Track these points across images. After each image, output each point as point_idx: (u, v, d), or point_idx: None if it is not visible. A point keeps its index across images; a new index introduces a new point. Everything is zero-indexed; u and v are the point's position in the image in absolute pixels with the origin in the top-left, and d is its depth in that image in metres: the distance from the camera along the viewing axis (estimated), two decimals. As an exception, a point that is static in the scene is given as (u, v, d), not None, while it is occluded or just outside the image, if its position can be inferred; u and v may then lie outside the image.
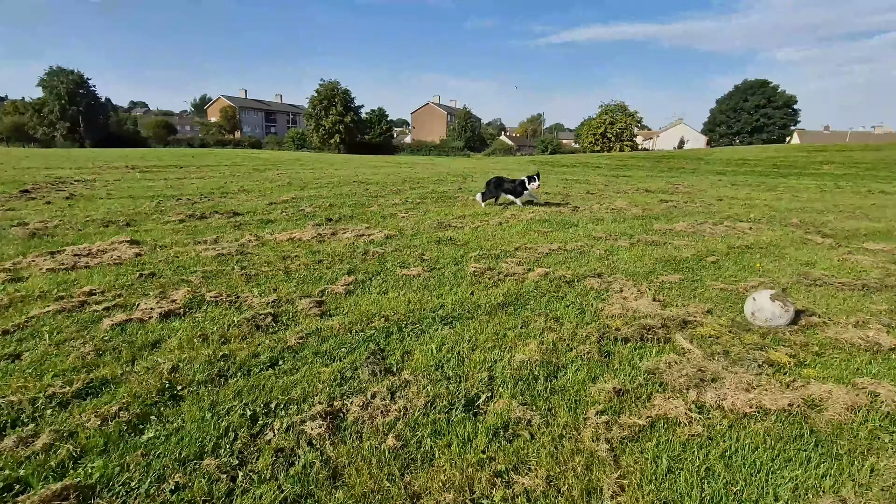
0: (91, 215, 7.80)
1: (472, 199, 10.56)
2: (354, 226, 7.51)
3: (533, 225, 7.78)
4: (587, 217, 8.60)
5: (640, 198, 11.78)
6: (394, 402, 2.50)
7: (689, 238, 6.91)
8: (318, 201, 10.28)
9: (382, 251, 5.87)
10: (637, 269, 5.18)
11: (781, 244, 6.54)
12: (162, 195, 10.69)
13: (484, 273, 4.96)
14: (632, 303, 4.02)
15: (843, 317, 3.85)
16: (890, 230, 7.72)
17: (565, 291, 4.40)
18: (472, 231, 7.26)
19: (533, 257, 5.67)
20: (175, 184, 13.51)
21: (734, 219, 8.57)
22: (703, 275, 5.05)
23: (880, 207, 10.50)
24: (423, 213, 8.96)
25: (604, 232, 7.20)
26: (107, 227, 6.92)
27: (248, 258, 5.49)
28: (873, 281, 4.83)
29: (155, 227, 7.18)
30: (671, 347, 3.19)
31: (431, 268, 5.16)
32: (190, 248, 5.90)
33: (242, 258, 5.49)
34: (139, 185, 12.68)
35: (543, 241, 6.63)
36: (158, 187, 12.40)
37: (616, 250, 6.09)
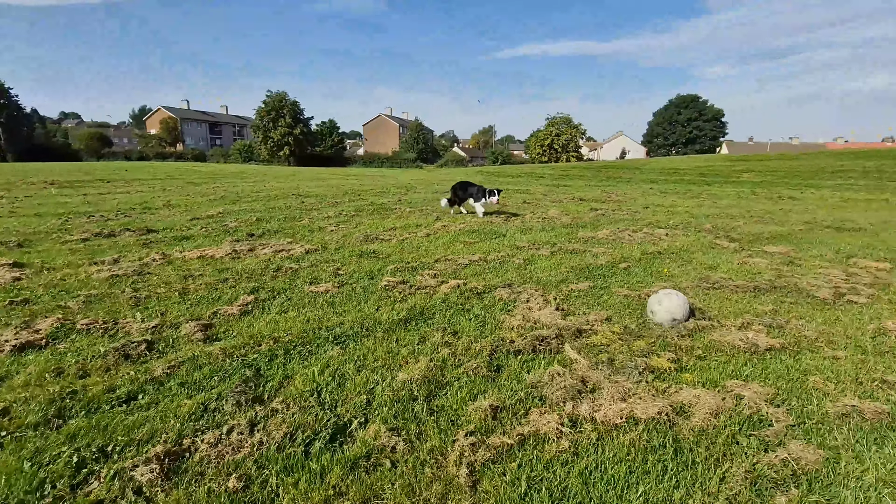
0: (-26, 236, 7.06)
1: (439, 205, 10.65)
2: (277, 241, 7.20)
3: (461, 236, 7.76)
4: (517, 227, 8.69)
5: (572, 206, 12.09)
6: (251, 436, 2.30)
7: (608, 245, 7.10)
8: (246, 216, 9.84)
9: (297, 267, 5.63)
10: (550, 279, 5.21)
11: (691, 249, 6.83)
12: (74, 212, 9.87)
13: (396, 287, 4.83)
14: (535, 313, 4.01)
15: (731, 319, 4.00)
16: (791, 233, 8.27)
17: (472, 304, 4.33)
18: (399, 244, 7.13)
19: (451, 269, 5.60)
20: (95, 199, 12.58)
21: (654, 225, 8.93)
22: (611, 282, 5.16)
23: (787, 212, 11.30)
24: (353, 226, 8.75)
25: (528, 241, 7.27)
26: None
27: (146, 279, 5.09)
28: (765, 282, 5.09)
29: (51, 248, 6.57)
30: (560, 359, 3.17)
31: (343, 283, 4.97)
32: (82, 269, 5.42)
33: (139, 279, 5.09)
34: (52, 202, 11.70)
35: (467, 251, 6.60)
36: (73, 203, 11.49)
37: (535, 259, 6.14)
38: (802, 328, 3.80)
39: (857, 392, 2.81)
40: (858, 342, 3.56)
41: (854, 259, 6.23)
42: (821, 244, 7.27)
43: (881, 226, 9.24)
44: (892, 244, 7.44)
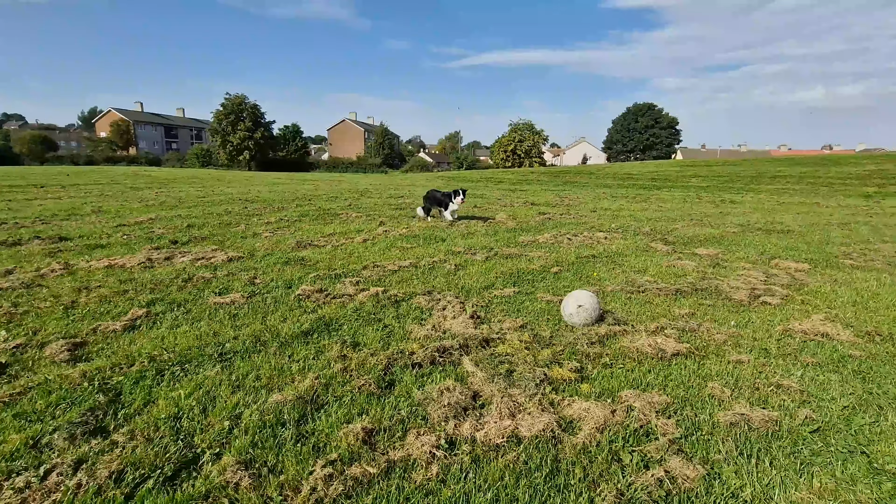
0: None
1: (414, 216, 10.40)
2: (201, 249, 6.77)
3: (399, 241, 7.53)
4: (459, 232, 8.53)
5: (522, 211, 12.08)
6: (71, 478, 1.98)
7: (545, 249, 7.03)
8: (178, 222, 9.29)
9: (211, 276, 5.25)
10: (476, 285, 5.05)
11: (626, 252, 6.84)
12: (-21, 220, 9.07)
13: (311, 296, 4.55)
14: (448, 322, 3.82)
15: (647, 323, 3.93)
16: (723, 235, 8.47)
17: (386, 313, 4.11)
18: (332, 250, 6.83)
19: (377, 276, 5.36)
20: (17, 206, 11.66)
21: (596, 229, 8.97)
22: (539, 286, 5.04)
23: (724, 215, 11.65)
24: (291, 232, 8.38)
25: (467, 246, 7.12)
26: None
27: (34, 292, 4.61)
28: (687, 285, 5.10)
29: (-63, 259, 5.93)
30: (458, 372, 2.98)
31: (255, 293, 4.65)
32: (-38, 283, 4.87)
33: (26, 292, 4.61)
34: (-42, 209, 10.76)
35: (401, 257, 6.38)
36: (-16, 210, 10.59)
37: (467, 265, 5.98)
38: (713, 332, 3.76)
39: (752, 399, 2.74)
40: (764, 345, 3.54)
41: (776, 260, 6.38)
42: (749, 246, 7.45)
43: (808, 228, 9.61)
44: (815, 245, 7.71)
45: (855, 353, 3.41)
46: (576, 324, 3.81)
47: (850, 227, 9.86)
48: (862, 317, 4.22)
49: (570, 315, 3.85)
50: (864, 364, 3.26)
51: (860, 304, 4.59)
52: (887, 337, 3.73)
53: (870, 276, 5.72)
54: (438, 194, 9.78)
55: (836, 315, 4.22)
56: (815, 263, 6.33)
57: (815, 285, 5.24)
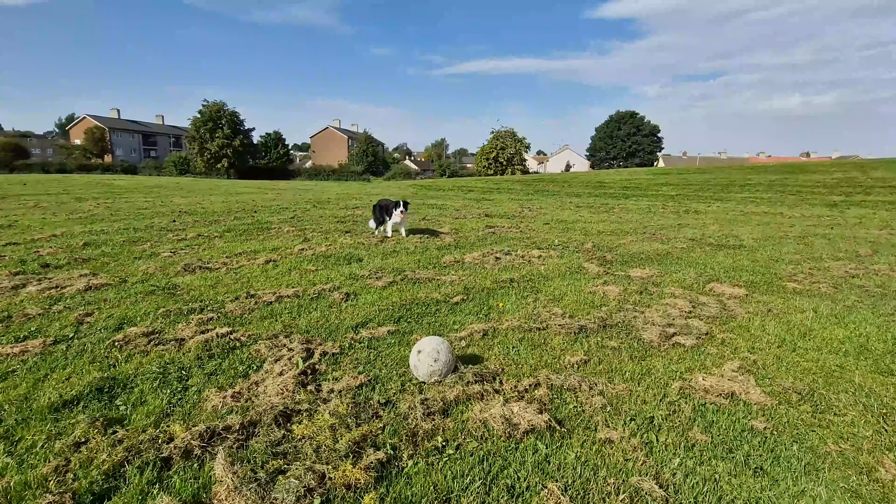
0: None
1: (369, 229, 9.59)
2: (68, 275, 5.91)
3: (306, 262, 6.74)
4: (381, 250, 7.77)
5: (471, 223, 11.36)
6: None
7: (465, 271, 6.29)
8: (78, 240, 8.39)
9: (41, 312, 4.41)
10: (349, 321, 4.28)
11: (551, 274, 6.13)
12: None
13: (132, 342, 3.74)
14: (268, 381, 3.04)
15: (518, 379, 3.19)
16: (670, 252, 7.81)
17: (203, 368, 3.31)
18: (221, 275, 6.02)
19: (241, 310, 4.55)
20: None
21: (536, 245, 8.27)
22: (422, 323, 4.29)
23: (681, 227, 11.04)
24: (196, 251, 7.56)
25: (375, 269, 6.35)
26: None
27: None
28: (597, 319, 4.36)
29: None
30: (201, 476, 2.19)
31: (67, 338, 3.82)
32: None
33: None
34: None
35: (293, 283, 5.59)
36: None
37: (361, 293, 5.21)
38: (595, 391, 3.02)
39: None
40: (649, 412, 2.81)
41: (712, 284, 5.69)
42: (690, 266, 6.78)
43: (762, 242, 9.00)
44: (761, 264, 7.07)
45: (760, 424, 2.69)
46: (422, 377, 3.06)
47: (806, 241, 9.28)
48: (784, 364, 3.52)
49: (414, 367, 3.10)
50: (768, 442, 2.54)
51: (787, 344, 3.90)
52: (805, 396, 3.02)
53: (809, 303, 5.06)
54: (391, 203, 8.87)
55: (753, 362, 3.52)
56: (754, 287, 5.66)
57: (743, 318, 4.55)
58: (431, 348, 3.05)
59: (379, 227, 9.24)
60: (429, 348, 3.05)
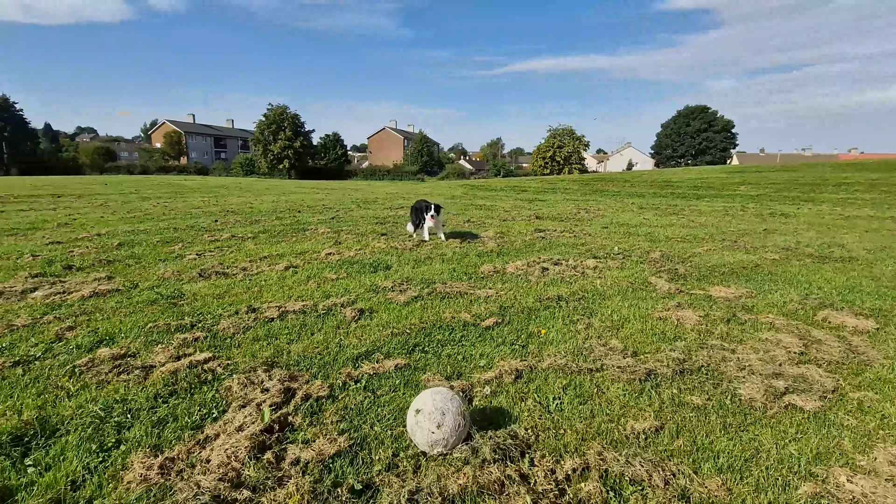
0: None
1: (407, 232, 8.98)
2: (84, 278, 5.63)
3: (327, 270, 6.09)
4: (418, 256, 6.99)
5: (519, 227, 10.35)
6: None
7: (505, 284, 5.36)
8: (115, 239, 8.31)
9: (27, 323, 4.02)
10: (352, 350, 3.51)
11: (610, 291, 5.05)
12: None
13: (98, 366, 3.18)
14: (220, 440, 2.31)
15: (558, 456, 2.24)
16: (758, 265, 6.40)
17: (155, 412, 2.65)
18: (237, 281, 5.51)
19: (235, 328, 3.92)
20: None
21: (591, 253, 7.15)
22: (440, 355, 3.43)
23: (769, 234, 9.37)
24: (221, 254, 7.17)
25: (403, 278, 5.58)
26: None
27: None
28: (672, 361, 3.29)
29: None
30: None
31: (29, 360, 3.33)
32: None
33: None
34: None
35: (307, 294, 4.94)
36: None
37: (378, 309, 4.44)
38: (672, 494, 2.03)
39: None
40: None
41: (826, 312, 4.36)
42: (789, 284, 5.41)
43: (878, 254, 7.28)
44: (886, 283, 5.55)
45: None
46: (420, 446, 2.21)
47: (941, 253, 7.44)
48: (975, 451, 2.32)
49: (411, 431, 2.26)
50: None
51: (969, 416, 2.65)
52: None
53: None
54: (428, 205, 8.09)
55: (922, 447, 2.35)
56: (887, 318, 4.28)
57: (882, 367, 3.29)
58: (434, 408, 2.19)
59: (416, 229, 8.55)
60: (430, 408, 2.20)
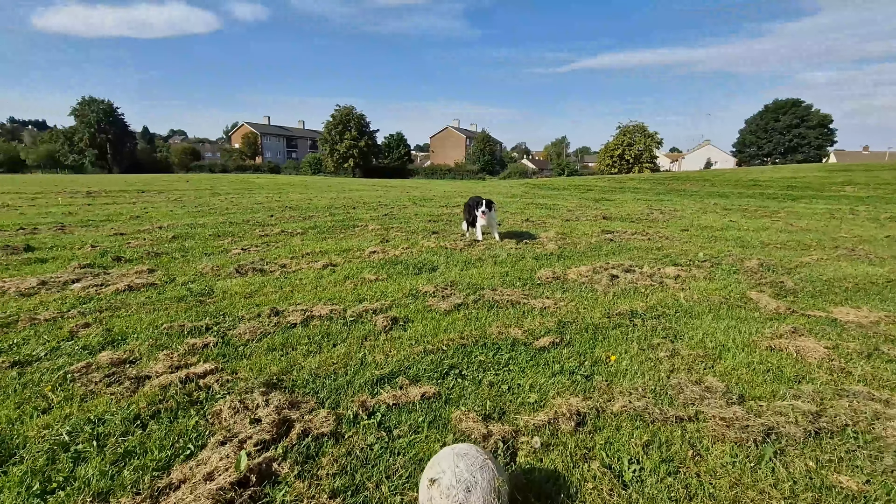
0: None
1: (460, 231, 8.49)
2: (127, 270, 5.54)
3: (371, 269, 5.59)
4: (468, 257, 6.34)
5: (584, 227, 9.37)
6: None
7: (566, 293, 4.56)
8: (171, 232, 8.41)
9: (53, 316, 3.84)
10: (374, 370, 2.91)
11: (698, 308, 4.09)
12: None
13: (92, 373, 2.83)
14: (177, 495, 1.78)
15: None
16: (892, 279, 5.07)
17: (119, 441, 2.19)
18: (272, 279, 5.15)
19: (254, 333, 3.48)
20: (76, 210, 11.96)
21: (671, 259, 6.11)
22: (480, 384, 2.74)
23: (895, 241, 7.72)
24: (266, 249, 6.96)
25: (448, 282, 4.94)
26: None
27: None
28: (798, 414, 2.36)
29: None
30: None
31: (28, 360, 3.06)
32: None
33: None
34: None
35: (344, 296, 4.46)
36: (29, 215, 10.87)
37: (416, 318, 3.83)
38: None
39: None
40: None
41: None
42: (949, 309, 4.14)
43: None
44: None
45: None
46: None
47: None
48: None
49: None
50: None
51: None
52: None
53: None
54: (480, 201, 7.52)
55: None
56: None
57: None
58: (455, 480, 1.52)
59: (469, 228, 7.92)
60: (450, 479, 1.53)
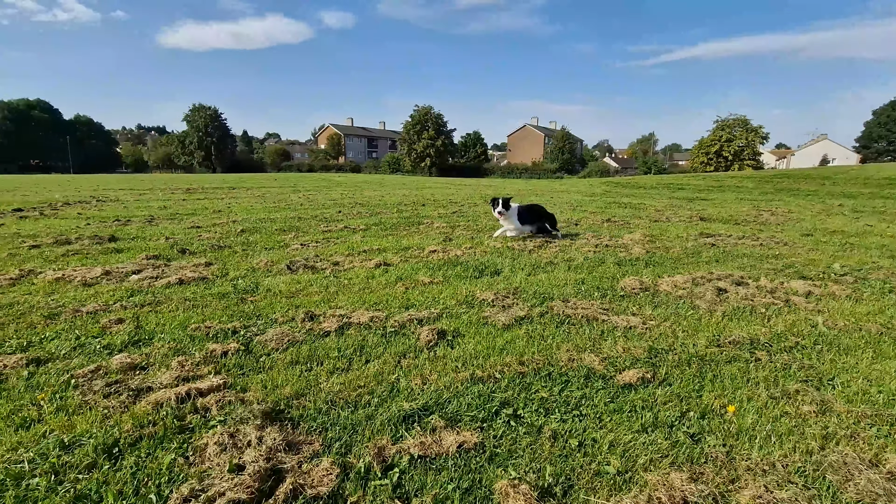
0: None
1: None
2: (187, 263, 5.50)
3: (427, 270, 5.04)
4: (537, 260, 5.57)
5: (676, 229, 8.12)
6: None
7: (653, 311, 3.66)
8: (240, 226, 8.52)
9: (96, 309, 3.72)
10: (404, 403, 2.30)
11: (849, 341, 3.00)
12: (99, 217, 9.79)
13: (93, 382, 2.53)
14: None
15: None
16: None
17: (83, 477, 1.78)
18: (320, 277, 4.80)
19: (280, 342, 3.04)
20: (170, 204, 12.84)
21: (796, 272, 4.87)
22: (545, 433, 2.02)
23: None
24: (328, 244, 6.70)
25: (513, 289, 4.23)
26: None
27: None
28: None
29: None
30: None
31: (46, 359, 2.85)
32: None
33: None
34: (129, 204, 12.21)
35: (390, 301, 3.95)
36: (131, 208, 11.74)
37: (465, 334, 3.18)
38: None
39: None
40: None
41: None
42: None
43: None
44: None
45: None
46: None
47: None
48: None
49: None
50: None
51: None
52: None
53: None
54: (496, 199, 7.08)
55: None
56: None
57: None
58: None
59: (520, 232, 7.19)
60: None
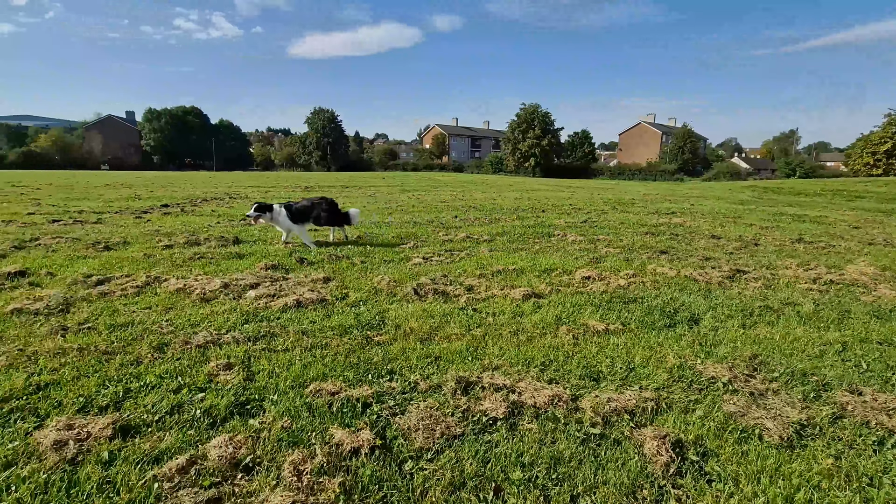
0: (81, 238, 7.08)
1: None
2: (308, 276, 4.89)
3: (595, 309, 3.79)
4: (744, 301, 4.03)
5: None
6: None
7: None
8: (360, 231, 7.99)
9: (207, 341, 3.09)
10: None
11: None
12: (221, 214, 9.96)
13: (176, 493, 1.71)
14: None
15: None
16: None
17: None
18: (455, 308, 3.83)
19: (419, 453, 2.04)
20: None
21: None
22: None
23: None
24: (454, 259, 5.77)
25: (734, 356, 2.82)
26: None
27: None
28: None
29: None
30: None
31: (130, 428, 2.14)
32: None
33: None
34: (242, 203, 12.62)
35: (568, 368, 2.81)
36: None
37: (720, 449, 1.90)
38: None
39: None
40: None
41: None
42: None
43: None
44: None
45: None
46: None
47: None
48: None
49: None
50: None
51: None
52: None
53: None
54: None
55: None
56: None
57: None
58: None
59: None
60: None
